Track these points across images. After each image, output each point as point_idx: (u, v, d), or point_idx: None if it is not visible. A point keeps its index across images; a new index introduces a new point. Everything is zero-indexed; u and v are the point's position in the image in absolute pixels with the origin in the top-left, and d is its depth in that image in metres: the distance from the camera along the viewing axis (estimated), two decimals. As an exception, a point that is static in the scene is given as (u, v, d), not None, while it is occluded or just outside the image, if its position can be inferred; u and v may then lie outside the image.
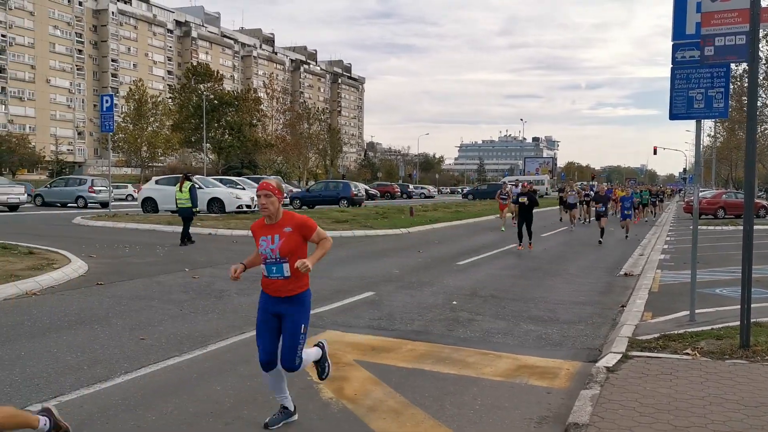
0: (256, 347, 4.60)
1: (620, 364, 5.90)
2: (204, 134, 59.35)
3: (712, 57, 6.95)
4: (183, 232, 16.18)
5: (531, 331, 7.65)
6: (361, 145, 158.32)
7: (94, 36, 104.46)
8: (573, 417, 4.58)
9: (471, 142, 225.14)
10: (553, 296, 10.06)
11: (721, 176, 73.08)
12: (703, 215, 30.91)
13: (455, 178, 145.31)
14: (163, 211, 25.92)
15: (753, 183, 6.76)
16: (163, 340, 6.85)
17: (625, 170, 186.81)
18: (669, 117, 7.50)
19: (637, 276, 12.38)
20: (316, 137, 78.48)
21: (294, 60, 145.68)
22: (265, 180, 4.75)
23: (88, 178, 37.33)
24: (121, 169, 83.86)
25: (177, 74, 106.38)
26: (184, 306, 8.66)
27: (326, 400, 5.16)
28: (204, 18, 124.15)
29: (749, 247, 6.39)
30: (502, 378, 5.81)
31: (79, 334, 7.08)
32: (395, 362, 6.25)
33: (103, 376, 5.62)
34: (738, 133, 46.07)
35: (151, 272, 11.52)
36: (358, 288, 10.32)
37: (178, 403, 5.00)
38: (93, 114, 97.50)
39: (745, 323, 6.26)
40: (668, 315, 8.18)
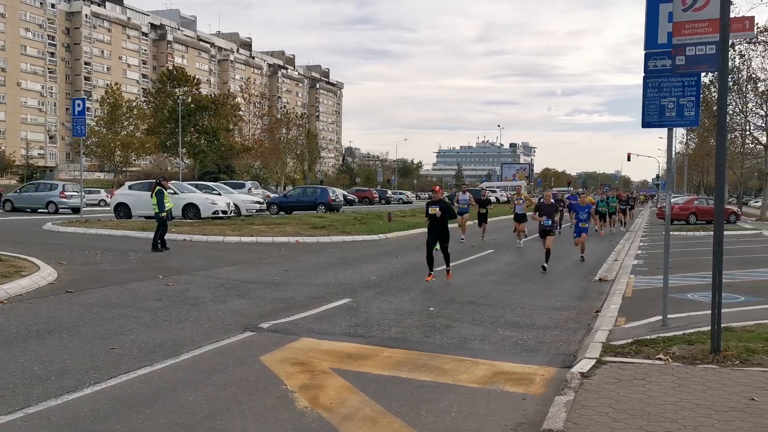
0: (230, 356, 4.53)
1: (594, 370, 5.94)
2: (180, 139, 58.80)
3: (683, 66, 7.06)
4: (153, 237, 16.06)
5: (507, 337, 7.67)
6: (340, 151, 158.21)
7: (67, 39, 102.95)
8: (547, 423, 4.59)
9: (449, 148, 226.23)
10: (529, 302, 10.11)
11: (693, 182, 74.38)
12: (675, 221, 31.40)
13: (433, 183, 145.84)
14: (136, 216, 25.57)
15: (723, 189, 6.87)
16: (134, 350, 6.74)
17: (601, 176, 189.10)
18: (641, 125, 7.60)
19: (611, 281, 12.52)
20: (294, 142, 78.24)
21: (272, 64, 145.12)
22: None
23: (60, 183, 36.69)
24: (93, 174, 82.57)
25: (152, 78, 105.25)
26: (157, 314, 8.53)
27: (301, 409, 5.11)
28: (180, 21, 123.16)
29: (720, 253, 6.48)
30: (479, 385, 5.82)
31: (47, 343, 6.93)
32: (372, 370, 6.21)
33: (72, 386, 5.50)
34: (709, 141, 46.95)
35: (124, 279, 11.34)
36: (335, 295, 10.27)
37: (150, 415, 4.91)
38: (65, 118, 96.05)
39: (716, 328, 6.35)
40: (641, 320, 8.27)
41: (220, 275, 12.12)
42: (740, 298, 9.76)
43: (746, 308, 8.96)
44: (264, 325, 7.94)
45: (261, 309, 8.99)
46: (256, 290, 10.56)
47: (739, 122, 37.49)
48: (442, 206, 11.79)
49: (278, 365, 6.26)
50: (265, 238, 19.22)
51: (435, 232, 11.93)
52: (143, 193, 24.19)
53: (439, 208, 11.71)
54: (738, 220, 33.58)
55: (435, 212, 11.77)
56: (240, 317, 8.42)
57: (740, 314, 8.37)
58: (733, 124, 36.84)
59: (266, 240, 19.04)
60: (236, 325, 7.92)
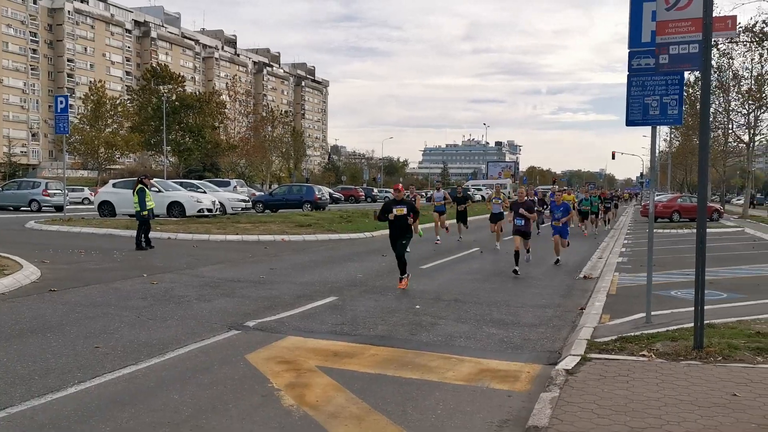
0: (215, 355, 4.51)
1: (579, 367, 5.98)
2: (164, 136, 58.39)
3: (667, 65, 7.13)
4: (137, 236, 16.00)
5: (493, 335, 7.70)
6: (326, 149, 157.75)
7: (50, 35, 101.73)
8: (533, 420, 4.62)
9: (435, 146, 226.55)
10: (515, 299, 10.16)
11: (676, 180, 75.11)
12: (659, 219, 31.70)
13: (419, 181, 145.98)
14: (120, 214, 25.38)
15: (706, 187, 6.95)
16: (119, 349, 6.69)
17: (586, 174, 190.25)
18: (626, 123, 7.65)
19: (596, 279, 12.61)
20: (279, 140, 77.94)
21: (257, 62, 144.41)
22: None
23: (42, 181, 36.28)
24: (77, 172, 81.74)
25: (136, 75, 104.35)
26: (141, 313, 8.48)
27: (287, 407, 5.10)
28: (164, 18, 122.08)
29: (702, 250, 6.55)
30: (465, 382, 5.84)
31: (30, 342, 6.86)
32: (358, 368, 6.22)
33: (56, 386, 5.45)
34: (692, 139, 47.42)
35: (108, 278, 11.25)
36: (321, 293, 10.26)
37: (135, 413, 4.88)
38: (48, 115, 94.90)
39: (698, 325, 6.41)
40: (625, 317, 8.33)
41: (206, 274, 12.05)
42: (723, 295, 9.88)
43: (729, 305, 9.07)
44: (250, 324, 7.92)
45: (246, 307, 8.96)
46: (241, 289, 10.51)
47: (722, 121, 37.91)
48: (409, 206, 11.10)
49: (264, 364, 6.25)
50: (250, 237, 19.14)
51: (398, 234, 11.03)
52: (127, 191, 23.93)
53: (406, 207, 10.97)
54: (721, 218, 33.95)
55: (401, 212, 10.89)
56: (225, 316, 8.39)
57: (723, 311, 8.47)
58: (716, 122, 37.24)
59: (252, 238, 18.97)
60: (221, 324, 7.88)
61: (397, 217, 10.93)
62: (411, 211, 11.04)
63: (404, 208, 10.94)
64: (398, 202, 11.08)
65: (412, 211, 11.09)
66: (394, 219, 10.93)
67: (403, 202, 11.10)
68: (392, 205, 11.08)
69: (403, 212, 10.92)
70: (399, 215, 10.93)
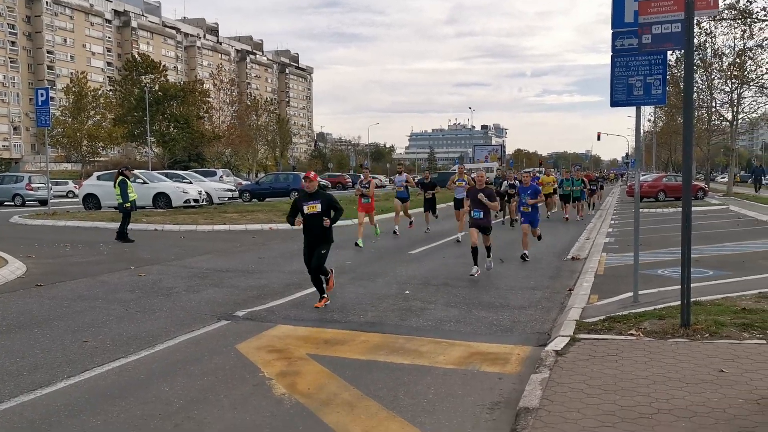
0: (205, 346, 4.50)
1: (568, 347, 6.02)
2: (148, 127, 57.83)
3: (650, 45, 7.13)
4: (119, 227, 15.93)
5: (483, 318, 7.74)
6: (311, 136, 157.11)
7: (28, 27, 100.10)
8: (524, 401, 4.65)
9: (421, 131, 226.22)
10: (504, 282, 10.21)
11: (661, 160, 75.52)
12: (645, 198, 31.91)
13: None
14: (106, 207, 25.14)
15: (690, 167, 6.98)
16: (107, 342, 6.65)
17: (571, 156, 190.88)
18: (610, 104, 7.66)
19: (583, 260, 12.69)
20: (264, 128, 77.42)
21: (240, 50, 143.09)
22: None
23: (26, 175, 35.95)
24: (60, 165, 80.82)
25: (117, 66, 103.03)
26: (130, 305, 8.43)
27: (279, 396, 5.10)
28: (144, 7, 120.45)
29: (688, 229, 6.60)
30: (455, 366, 5.86)
31: (17, 338, 6.81)
32: (349, 354, 6.23)
33: (45, 381, 5.42)
34: (676, 118, 47.65)
35: (95, 272, 11.16)
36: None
37: (125, 406, 4.86)
38: (29, 108, 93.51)
39: (685, 303, 6.47)
40: (613, 297, 8.40)
41: (194, 265, 12.00)
42: (709, 273, 9.98)
43: (714, 282, 9.16)
44: (239, 314, 7.90)
45: (236, 297, 8.94)
46: (230, 279, 10.48)
47: (705, 99, 38.08)
48: (325, 202, 8.32)
49: (255, 353, 6.24)
50: (238, 226, 19.06)
51: (314, 236, 8.36)
52: (112, 184, 23.81)
53: (320, 204, 8.26)
54: (706, 196, 34.22)
55: (314, 210, 8.22)
56: (215, 306, 8.36)
57: (709, 288, 8.56)
58: (699, 101, 37.40)
59: (239, 228, 18.89)
60: (211, 315, 7.86)
61: (309, 217, 8.25)
62: (329, 208, 8.31)
63: (317, 204, 8.23)
64: (310, 197, 8.32)
65: (330, 208, 8.34)
66: (305, 220, 8.30)
67: (317, 197, 8.33)
68: (302, 201, 8.37)
69: (316, 210, 8.21)
70: (310, 214, 8.24)
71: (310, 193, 8.34)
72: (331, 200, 8.42)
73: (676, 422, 4.19)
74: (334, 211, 8.38)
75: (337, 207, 8.46)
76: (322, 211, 8.23)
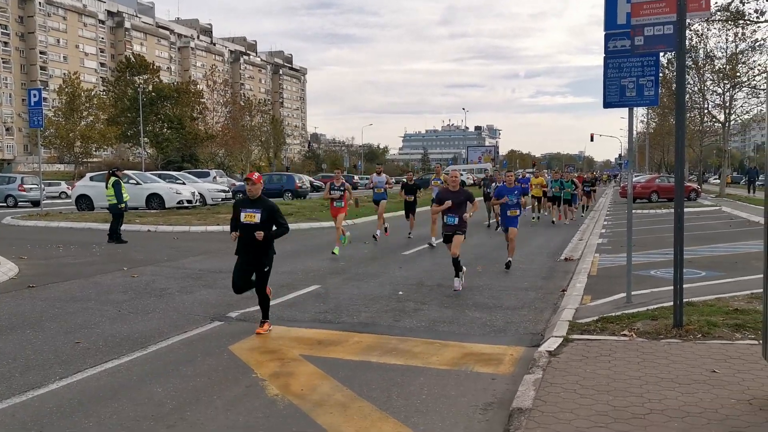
0: (198, 347, 4.48)
1: (561, 348, 6.04)
2: (141, 128, 57.66)
3: (642, 46, 7.15)
4: (111, 228, 15.87)
5: (476, 319, 7.75)
6: (305, 137, 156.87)
7: (21, 27, 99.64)
8: (517, 402, 4.66)
9: (415, 132, 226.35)
10: (497, 283, 10.22)
11: (654, 161, 75.83)
12: (638, 199, 32.03)
13: (400, 168, 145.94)
14: (99, 208, 25.04)
15: (683, 168, 7.02)
16: (100, 343, 6.62)
17: (565, 157, 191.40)
18: (603, 105, 7.69)
19: (577, 260, 12.72)
20: (258, 129, 77.29)
21: (233, 51, 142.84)
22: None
23: (18, 176, 35.81)
24: (53, 166, 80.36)
25: (110, 67, 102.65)
26: (122, 306, 8.40)
27: (272, 397, 5.09)
28: (137, 8, 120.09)
29: (680, 230, 6.63)
30: (449, 366, 5.87)
31: (9, 339, 6.77)
32: (342, 355, 6.22)
33: (37, 382, 5.39)
34: (669, 119, 47.84)
35: (88, 273, 11.12)
36: (304, 282, 10.23)
37: (118, 408, 4.84)
38: (21, 109, 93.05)
39: (678, 303, 6.50)
40: (606, 297, 8.42)
41: (187, 266, 11.96)
42: (701, 273, 10.02)
43: (707, 283, 9.20)
44: (232, 315, 7.89)
45: (229, 298, 8.89)
46: (223, 280, 10.43)
47: (698, 101, 38.26)
48: (266, 211, 6.86)
49: (248, 354, 6.23)
50: (231, 227, 18.99)
51: (250, 251, 6.87)
52: (105, 185, 23.74)
53: (259, 213, 6.81)
54: (698, 197, 34.37)
55: (251, 219, 6.79)
56: (208, 307, 8.34)
57: (701, 289, 8.59)
58: (692, 102, 37.57)
59: (233, 229, 18.82)
60: (204, 316, 7.84)
61: (245, 227, 6.82)
62: (270, 221, 6.88)
63: (257, 214, 6.79)
64: (251, 203, 6.90)
65: (272, 222, 6.91)
66: (242, 229, 6.88)
67: (259, 205, 6.87)
68: (241, 206, 6.96)
69: (254, 220, 6.76)
70: (246, 224, 6.80)
71: (252, 199, 6.95)
72: (275, 212, 6.93)
73: (668, 422, 4.21)
74: (276, 227, 6.95)
75: (281, 222, 6.94)
76: (261, 222, 6.77)
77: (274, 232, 6.92)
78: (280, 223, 6.97)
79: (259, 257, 6.92)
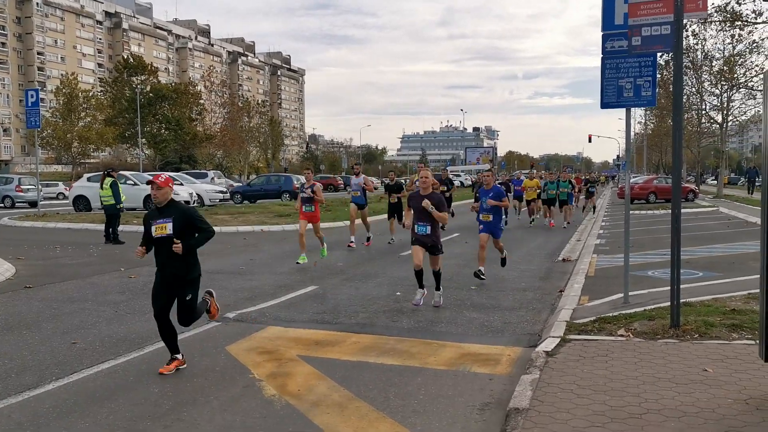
0: (196, 347, 4.47)
1: (559, 348, 6.03)
2: (139, 129, 57.63)
3: (640, 47, 7.16)
4: (106, 229, 15.88)
5: (474, 319, 7.74)
6: (303, 138, 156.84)
7: (18, 28, 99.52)
8: (514, 402, 4.66)
9: (413, 133, 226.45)
10: (495, 283, 10.22)
11: (652, 162, 75.93)
12: (635, 200, 32.06)
13: (398, 169, 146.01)
14: (96, 209, 25.01)
15: (680, 168, 7.02)
16: (97, 344, 6.61)
17: (563, 158, 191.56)
18: (600, 106, 7.70)
19: (574, 261, 12.72)
20: (256, 130, 77.28)
21: (231, 52, 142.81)
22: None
23: (15, 177, 35.76)
24: (51, 167, 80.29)
25: (108, 67, 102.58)
26: (119, 307, 8.39)
27: (269, 397, 5.09)
28: (135, 9, 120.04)
29: (678, 231, 6.63)
30: (446, 367, 5.86)
31: (6, 340, 6.76)
32: (339, 356, 6.21)
33: (33, 383, 5.38)
34: (667, 120, 47.91)
35: (85, 273, 11.10)
36: (302, 282, 10.23)
37: (114, 408, 4.83)
38: (19, 109, 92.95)
39: (675, 303, 6.50)
40: (604, 298, 8.43)
41: (185, 266, 11.93)
42: (698, 274, 10.03)
43: (704, 283, 9.21)
44: (230, 315, 7.87)
45: (226, 299, 8.89)
46: (221, 280, 10.44)
47: (695, 102, 38.31)
48: (180, 220, 5.66)
49: (245, 354, 6.22)
50: (229, 228, 19.01)
51: (169, 270, 5.75)
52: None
53: (171, 223, 5.61)
54: (696, 198, 34.42)
55: (163, 232, 5.61)
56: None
57: (699, 289, 8.60)
58: (690, 103, 37.63)
59: (230, 230, 18.84)
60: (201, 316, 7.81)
61: (159, 242, 5.68)
62: (186, 228, 5.69)
63: (167, 223, 5.61)
64: (160, 212, 5.71)
65: (189, 228, 5.72)
66: (156, 246, 5.76)
67: (169, 213, 5.67)
68: (151, 219, 5.76)
69: (166, 232, 5.61)
70: (160, 238, 5.65)
71: (161, 208, 5.70)
72: (190, 217, 5.73)
73: (665, 422, 4.21)
74: (198, 232, 5.74)
75: (202, 226, 5.76)
76: (175, 232, 5.59)
77: (194, 241, 5.70)
78: (201, 228, 5.75)
79: (179, 277, 5.71)
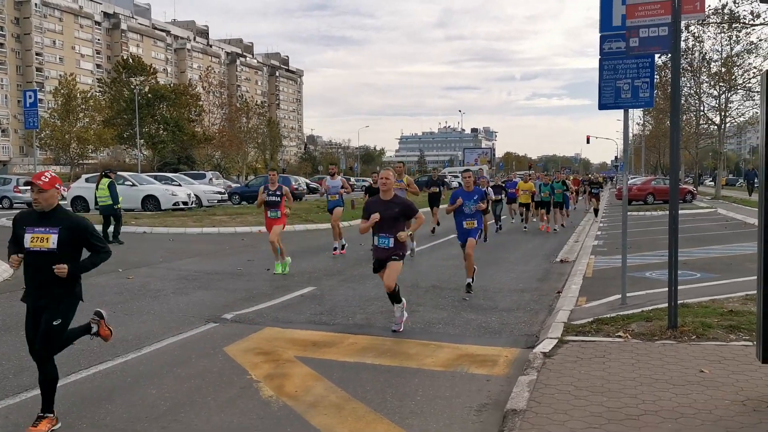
0: (193, 348, 4.47)
1: (556, 349, 6.04)
2: (137, 129, 57.57)
3: (637, 48, 7.16)
4: (103, 230, 15.82)
5: (471, 320, 7.74)
6: (301, 139, 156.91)
7: (17, 29, 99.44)
8: (511, 403, 4.66)
9: (411, 134, 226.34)
10: (493, 285, 10.22)
11: (650, 163, 75.98)
12: (633, 201, 32.09)
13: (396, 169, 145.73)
14: (94, 210, 25.00)
15: (678, 170, 7.03)
16: (94, 345, 6.57)
17: (561, 159, 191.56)
18: (598, 107, 7.70)
19: (572, 262, 12.73)
20: (254, 131, 77.27)
21: (230, 53, 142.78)
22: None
23: (13, 178, 35.66)
24: (49, 167, 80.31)
25: (107, 68, 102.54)
26: (117, 308, 8.37)
27: (266, 398, 5.08)
28: (134, 9, 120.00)
29: (675, 232, 6.64)
30: (443, 368, 5.86)
31: (3, 341, 6.75)
32: (337, 357, 6.21)
33: (30, 384, 5.36)
34: (665, 122, 47.95)
35: (82, 274, 11.06)
36: (299, 283, 10.22)
37: (111, 409, 4.83)
38: (17, 110, 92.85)
39: (672, 305, 6.51)
40: (601, 299, 8.43)
41: (182, 267, 11.94)
42: (696, 275, 10.04)
43: (702, 284, 9.21)
44: (227, 316, 7.87)
45: (224, 300, 8.90)
46: (218, 281, 10.43)
47: (694, 103, 38.36)
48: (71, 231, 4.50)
49: (242, 355, 6.22)
50: (227, 229, 19.00)
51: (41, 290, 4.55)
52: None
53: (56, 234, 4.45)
54: (694, 199, 34.44)
55: (43, 244, 4.43)
56: (203, 309, 8.32)
57: (696, 290, 8.61)
58: (688, 105, 37.67)
59: (228, 230, 18.83)
60: (199, 317, 7.82)
61: (33, 256, 4.48)
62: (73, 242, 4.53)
63: (52, 235, 4.45)
64: (40, 218, 4.54)
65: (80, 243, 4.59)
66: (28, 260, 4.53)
67: (55, 222, 4.50)
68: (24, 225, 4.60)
69: (48, 246, 4.44)
70: (36, 252, 4.45)
71: (42, 213, 4.51)
72: (84, 230, 4.57)
73: (662, 423, 4.21)
74: (90, 251, 4.66)
75: (97, 244, 4.66)
76: (59, 248, 4.43)
77: (86, 263, 4.63)
78: (94, 247, 4.62)
79: (52, 299, 4.52)
